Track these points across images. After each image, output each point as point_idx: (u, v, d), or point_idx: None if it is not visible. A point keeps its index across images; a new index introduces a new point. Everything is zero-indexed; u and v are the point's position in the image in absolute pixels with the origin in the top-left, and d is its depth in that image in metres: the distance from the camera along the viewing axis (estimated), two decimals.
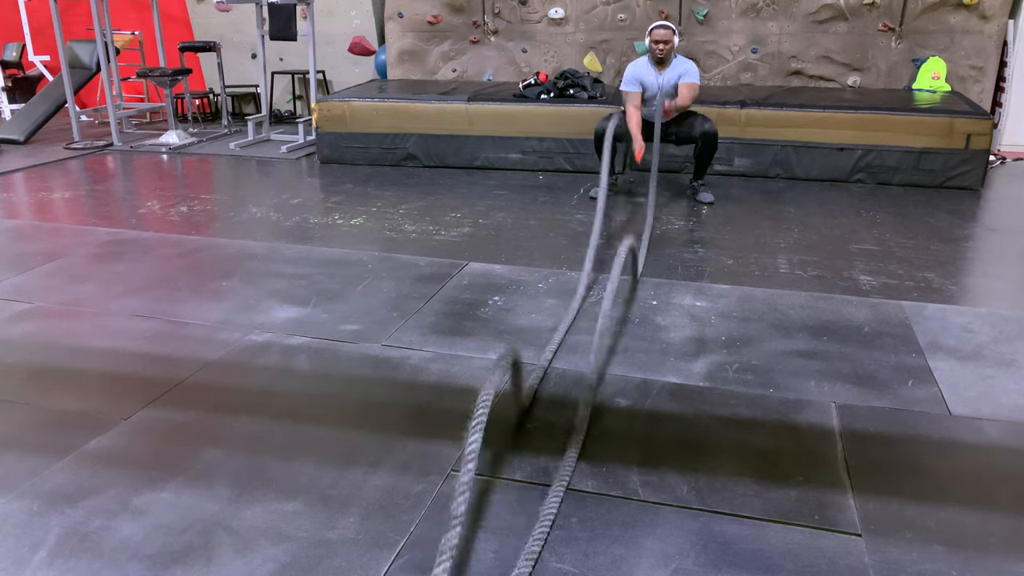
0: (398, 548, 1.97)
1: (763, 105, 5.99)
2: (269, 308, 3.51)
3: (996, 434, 2.49)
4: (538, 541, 1.95)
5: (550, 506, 2.09)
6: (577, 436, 2.42)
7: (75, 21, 8.94)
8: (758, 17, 7.14)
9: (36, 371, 2.94)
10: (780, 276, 3.92)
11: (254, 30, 7.65)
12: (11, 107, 8.75)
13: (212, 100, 9.38)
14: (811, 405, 2.66)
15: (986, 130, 5.62)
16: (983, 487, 2.22)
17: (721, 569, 1.89)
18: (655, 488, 2.20)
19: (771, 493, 2.18)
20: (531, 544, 1.94)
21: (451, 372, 2.90)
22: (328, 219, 5.02)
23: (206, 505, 2.13)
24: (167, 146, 7.44)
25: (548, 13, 7.56)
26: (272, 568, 1.90)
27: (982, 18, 6.67)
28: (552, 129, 6.29)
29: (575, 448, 2.35)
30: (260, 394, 2.75)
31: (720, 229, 4.74)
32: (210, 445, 2.42)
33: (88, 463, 2.33)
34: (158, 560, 1.92)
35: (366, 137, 6.61)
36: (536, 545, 1.94)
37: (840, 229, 4.73)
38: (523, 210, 5.20)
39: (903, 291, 3.71)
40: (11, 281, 3.86)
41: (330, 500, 2.15)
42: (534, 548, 1.92)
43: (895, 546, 1.97)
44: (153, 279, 3.89)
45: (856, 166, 5.88)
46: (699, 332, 3.25)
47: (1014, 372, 2.90)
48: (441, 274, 3.94)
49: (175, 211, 5.23)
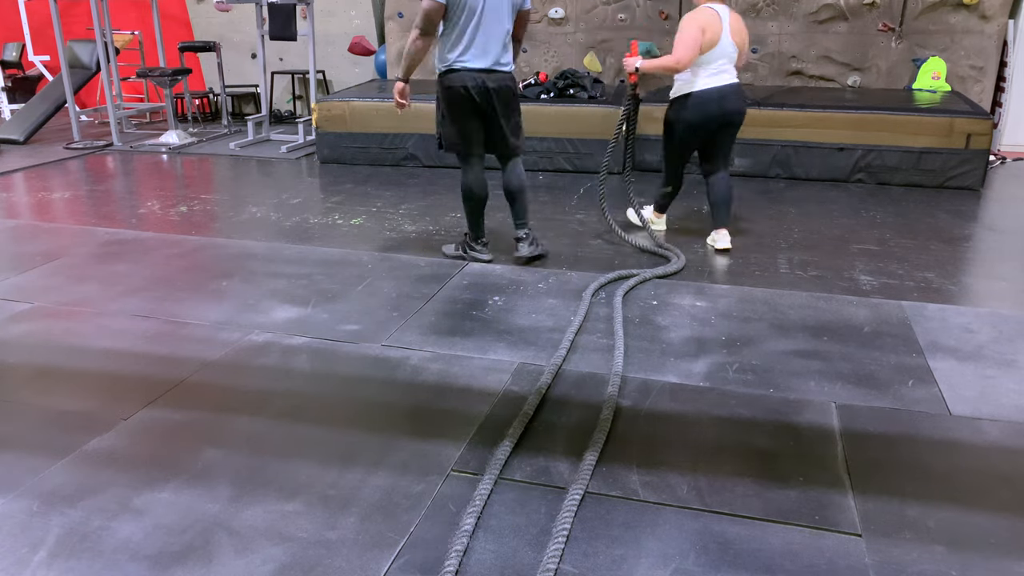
0: (398, 548, 1.97)
1: (763, 105, 5.99)
2: (269, 308, 3.51)
3: (996, 434, 2.49)
4: (553, 558, 1.93)
5: (566, 513, 2.08)
6: (598, 438, 2.42)
7: (75, 21, 8.94)
8: (758, 17, 7.14)
9: (36, 371, 2.94)
10: (780, 276, 3.92)
11: (254, 30, 7.65)
12: (11, 107, 8.76)
13: (212, 100, 9.37)
14: (811, 405, 2.66)
15: (986, 130, 5.62)
16: (983, 487, 2.22)
17: (721, 569, 1.89)
18: (655, 488, 2.20)
19: (771, 493, 2.18)
20: (547, 559, 1.92)
21: (451, 372, 2.90)
22: (328, 219, 5.01)
23: (206, 505, 2.13)
24: (167, 146, 7.44)
25: (548, 13, 7.56)
26: (272, 568, 1.89)
27: (982, 18, 6.67)
28: (552, 129, 6.29)
29: (594, 452, 2.35)
30: (260, 394, 2.75)
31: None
32: (210, 445, 2.42)
33: (88, 463, 2.33)
34: (158, 560, 1.92)
35: (366, 137, 6.61)
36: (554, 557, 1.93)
37: (840, 229, 4.73)
38: None
39: (903, 291, 3.71)
40: (11, 281, 3.86)
41: (330, 500, 2.15)
42: (550, 566, 1.90)
43: (895, 546, 1.97)
44: (153, 279, 3.88)
45: (856, 166, 5.88)
46: (699, 332, 3.25)
47: (1014, 372, 2.90)
48: (441, 274, 3.93)
49: (175, 211, 5.23)
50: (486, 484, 2.18)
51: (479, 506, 2.09)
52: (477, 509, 2.07)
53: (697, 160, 4.38)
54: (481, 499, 2.12)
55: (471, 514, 2.05)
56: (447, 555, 1.91)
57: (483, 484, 2.18)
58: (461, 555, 1.92)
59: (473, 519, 2.04)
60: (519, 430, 2.44)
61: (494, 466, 2.26)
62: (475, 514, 2.06)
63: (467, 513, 2.06)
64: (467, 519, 2.03)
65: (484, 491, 2.15)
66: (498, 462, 2.28)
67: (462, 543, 1.95)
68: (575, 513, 2.07)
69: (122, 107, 8.47)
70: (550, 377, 2.81)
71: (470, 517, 2.04)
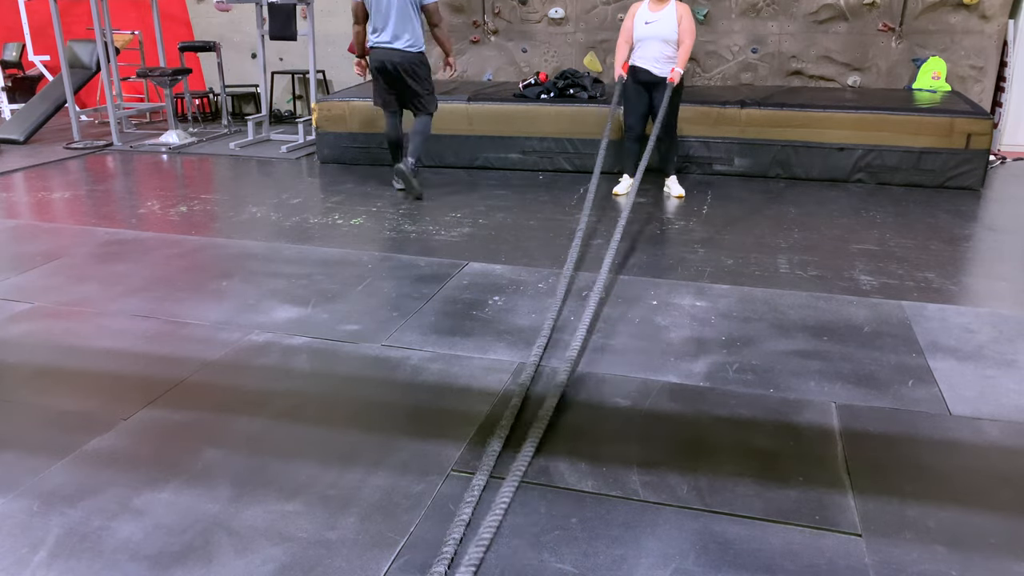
0: (398, 548, 1.97)
1: (763, 105, 5.99)
2: (269, 308, 3.51)
3: (996, 434, 2.49)
4: (489, 529, 1.99)
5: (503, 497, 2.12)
6: (537, 428, 2.44)
7: (75, 21, 8.94)
8: (758, 17, 7.14)
9: (36, 371, 2.94)
10: (780, 276, 3.92)
11: (254, 30, 7.65)
12: (11, 107, 8.76)
13: (212, 100, 9.38)
14: (811, 405, 2.66)
15: (986, 130, 5.62)
16: (983, 487, 2.22)
17: (721, 569, 1.89)
18: (655, 488, 2.20)
19: (771, 493, 2.18)
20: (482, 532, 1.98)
21: (451, 372, 2.90)
22: (328, 219, 5.01)
23: (206, 505, 2.13)
24: (167, 146, 7.44)
25: (548, 13, 7.56)
26: (272, 568, 1.90)
27: (982, 18, 6.67)
28: (552, 129, 6.29)
29: (533, 441, 2.37)
30: (260, 394, 2.75)
31: (720, 229, 4.74)
32: (210, 445, 2.42)
33: (88, 463, 2.33)
34: (158, 560, 1.92)
35: (366, 137, 6.61)
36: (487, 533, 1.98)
37: (840, 229, 4.73)
38: (523, 210, 5.19)
39: (903, 291, 3.71)
40: (11, 281, 3.86)
41: (330, 500, 2.15)
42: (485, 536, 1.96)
43: (895, 546, 1.97)
44: (153, 279, 3.89)
45: (856, 166, 5.88)
46: (699, 332, 3.25)
47: (1014, 372, 2.90)
48: (441, 274, 3.93)
49: (175, 211, 5.23)
50: (479, 480, 2.18)
51: (473, 503, 2.10)
52: (473, 506, 2.08)
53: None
54: (494, 501, 2.12)
55: (466, 510, 2.06)
56: (438, 556, 1.91)
57: (476, 480, 2.18)
58: (451, 557, 1.92)
59: (468, 517, 2.04)
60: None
61: (487, 463, 2.27)
62: (469, 512, 2.06)
63: (462, 511, 2.06)
64: (461, 518, 2.04)
65: (478, 489, 2.15)
66: (490, 459, 2.29)
67: (455, 542, 1.96)
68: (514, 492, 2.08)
69: (122, 107, 8.47)
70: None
71: (465, 515, 2.05)
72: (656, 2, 5.15)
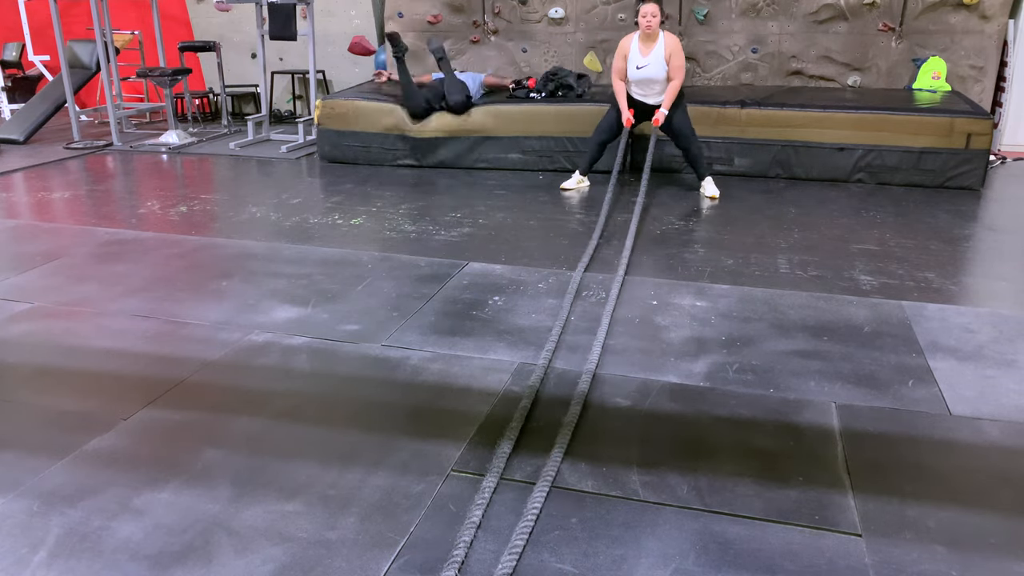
0: (398, 548, 1.97)
1: (763, 105, 5.99)
2: (269, 308, 3.51)
3: (996, 434, 2.49)
4: (522, 536, 1.97)
5: (534, 503, 2.10)
6: (564, 433, 2.43)
7: (75, 21, 8.94)
8: (758, 17, 7.14)
9: (36, 371, 2.94)
10: (780, 276, 3.92)
11: (254, 30, 7.66)
12: (11, 107, 8.76)
13: (212, 100, 9.37)
14: (811, 405, 2.66)
15: (986, 130, 5.62)
16: (983, 487, 2.22)
17: (721, 569, 1.89)
18: (655, 488, 2.20)
19: (771, 493, 2.18)
20: (515, 540, 1.95)
21: (451, 372, 2.90)
22: (328, 219, 5.01)
23: (206, 505, 2.13)
24: (167, 146, 7.44)
25: (548, 13, 7.56)
26: (272, 568, 1.90)
27: (982, 18, 6.66)
28: (552, 129, 6.29)
29: (561, 446, 2.36)
30: (260, 394, 2.75)
31: (720, 229, 4.74)
32: (210, 445, 2.42)
33: (88, 463, 2.33)
34: (158, 560, 1.92)
35: (367, 136, 6.61)
36: (520, 540, 1.95)
37: (840, 229, 4.73)
38: (523, 210, 5.19)
39: (903, 291, 3.71)
40: (11, 281, 3.86)
41: (330, 500, 2.15)
42: (517, 543, 1.94)
43: (895, 546, 1.97)
44: (153, 279, 3.89)
45: (856, 166, 5.87)
46: (699, 332, 3.25)
47: (1014, 372, 2.90)
48: (441, 274, 3.94)
49: (175, 211, 5.23)
50: (490, 481, 2.18)
51: (484, 504, 2.09)
52: (484, 506, 2.08)
53: None
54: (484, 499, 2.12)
55: (477, 512, 2.06)
56: (448, 560, 1.91)
57: (487, 482, 2.18)
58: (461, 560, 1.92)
59: (479, 516, 2.04)
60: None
61: (498, 465, 2.26)
62: (482, 511, 2.06)
63: (472, 512, 2.06)
64: (473, 517, 2.03)
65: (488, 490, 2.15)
66: (500, 460, 2.28)
67: (465, 543, 1.95)
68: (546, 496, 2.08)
69: (122, 107, 8.46)
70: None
71: (476, 514, 2.04)
72: (645, 41, 5.27)
